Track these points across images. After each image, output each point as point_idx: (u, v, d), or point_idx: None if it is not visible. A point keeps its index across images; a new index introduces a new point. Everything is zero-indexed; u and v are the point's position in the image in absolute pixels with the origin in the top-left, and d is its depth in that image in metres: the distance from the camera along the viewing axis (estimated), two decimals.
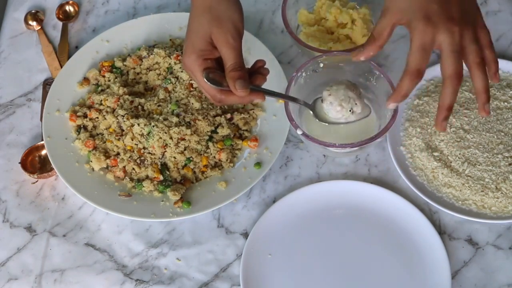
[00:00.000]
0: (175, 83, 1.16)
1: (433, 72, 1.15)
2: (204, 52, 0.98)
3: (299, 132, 1.03)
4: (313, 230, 1.08)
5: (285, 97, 1.05)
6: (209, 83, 0.96)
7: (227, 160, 1.12)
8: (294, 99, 1.05)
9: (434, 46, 0.92)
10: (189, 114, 1.12)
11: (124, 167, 1.12)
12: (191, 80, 1.15)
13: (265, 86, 1.18)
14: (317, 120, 1.07)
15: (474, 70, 0.93)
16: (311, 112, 1.08)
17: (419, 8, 0.93)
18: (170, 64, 1.18)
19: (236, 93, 0.95)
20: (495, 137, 1.09)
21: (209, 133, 1.12)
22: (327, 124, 1.06)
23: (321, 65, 1.10)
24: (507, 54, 1.20)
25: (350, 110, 1.04)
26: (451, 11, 0.93)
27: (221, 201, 1.08)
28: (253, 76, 0.99)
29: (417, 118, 1.13)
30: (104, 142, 1.14)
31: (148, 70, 1.21)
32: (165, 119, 1.12)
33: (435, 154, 1.09)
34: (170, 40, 1.25)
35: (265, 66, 1.02)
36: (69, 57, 1.25)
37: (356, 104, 1.04)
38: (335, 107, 1.04)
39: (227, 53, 0.97)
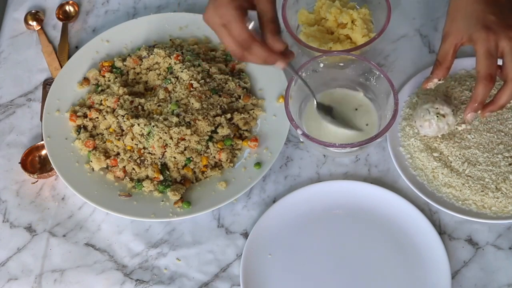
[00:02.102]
0: (175, 83, 1.16)
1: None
2: (242, 3, 0.97)
3: (299, 132, 1.03)
4: (313, 230, 1.08)
5: (299, 76, 1.05)
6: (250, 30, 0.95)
7: (227, 160, 1.12)
8: (305, 83, 1.06)
9: (498, 52, 1.00)
10: (189, 114, 1.12)
11: (124, 167, 1.12)
12: (191, 80, 1.15)
13: (264, 83, 1.18)
14: (321, 118, 1.08)
15: None
16: (315, 102, 1.08)
17: (477, 21, 1.01)
18: (170, 64, 1.18)
19: (274, 46, 0.96)
20: (495, 137, 1.09)
21: (209, 133, 1.12)
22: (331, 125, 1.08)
23: (321, 65, 1.10)
24: None
25: (437, 116, 1.05)
26: (508, 20, 1.00)
27: (221, 201, 1.08)
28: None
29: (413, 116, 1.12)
30: (104, 142, 1.14)
31: (148, 70, 1.21)
32: (165, 119, 1.12)
33: (435, 154, 1.09)
34: (170, 40, 1.25)
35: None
36: (69, 57, 1.25)
37: (437, 108, 1.06)
38: (425, 128, 1.07)
39: (266, 5, 0.97)
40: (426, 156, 1.09)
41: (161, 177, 1.10)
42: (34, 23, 1.32)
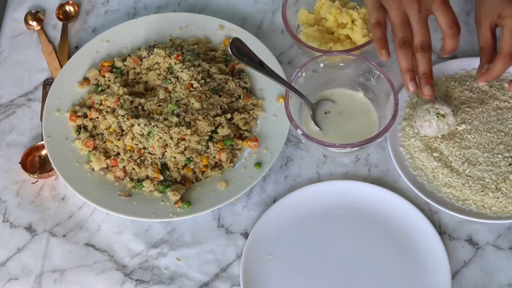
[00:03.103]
0: (175, 83, 1.16)
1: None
2: None
3: (299, 132, 1.03)
4: (313, 230, 1.08)
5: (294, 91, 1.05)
6: None
7: (227, 160, 1.12)
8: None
9: None
10: (189, 114, 1.12)
11: (124, 167, 1.12)
12: (191, 80, 1.15)
13: (264, 83, 1.19)
14: (313, 122, 1.09)
15: None
16: (310, 112, 1.09)
17: (503, 1, 1.03)
18: (170, 64, 1.18)
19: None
20: (495, 137, 1.09)
21: (209, 133, 1.12)
22: (321, 130, 1.09)
23: (321, 65, 1.10)
24: None
25: (437, 116, 1.06)
26: None
27: (221, 201, 1.08)
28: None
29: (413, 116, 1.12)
30: (104, 142, 1.14)
31: (148, 70, 1.21)
32: (165, 119, 1.12)
33: (435, 154, 1.09)
34: (170, 40, 1.25)
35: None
36: (69, 57, 1.25)
37: (437, 108, 1.06)
38: (425, 128, 1.07)
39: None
40: (426, 156, 1.09)
41: (161, 177, 1.10)
42: (34, 23, 1.32)
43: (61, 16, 1.32)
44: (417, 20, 1.03)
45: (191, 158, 1.11)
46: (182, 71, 1.16)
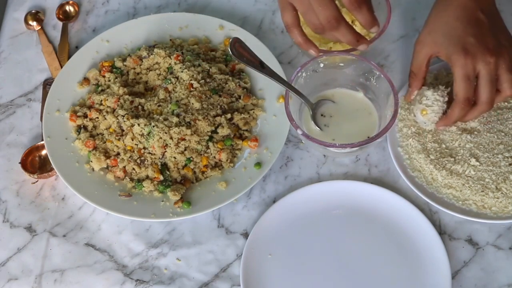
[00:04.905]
0: (175, 83, 1.16)
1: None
2: None
3: (299, 132, 1.03)
4: (313, 230, 1.08)
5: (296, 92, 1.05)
6: None
7: (227, 160, 1.12)
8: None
9: (475, 75, 1.01)
10: (189, 114, 1.12)
11: (124, 167, 1.12)
12: (191, 80, 1.15)
13: (264, 83, 1.18)
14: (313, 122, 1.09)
15: (500, 96, 1.04)
16: (310, 112, 1.09)
17: (457, 42, 1.01)
18: (170, 64, 1.18)
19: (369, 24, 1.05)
20: (496, 137, 1.09)
21: (209, 133, 1.12)
22: (321, 129, 1.10)
23: (321, 65, 1.10)
24: None
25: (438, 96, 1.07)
26: (486, 43, 1.01)
27: (221, 201, 1.08)
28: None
29: (408, 117, 1.12)
30: (104, 142, 1.14)
31: (148, 70, 1.21)
32: (165, 119, 1.12)
33: (432, 157, 1.08)
34: (170, 40, 1.25)
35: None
36: (69, 57, 1.25)
37: (438, 91, 1.07)
38: (426, 114, 1.08)
39: None
40: (424, 158, 1.08)
41: (161, 177, 1.10)
42: (34, 23, 1.32)
43: (61, 16, 1.32)
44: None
45: (191, 158, 1.11)
46: (182, 71, 1.16)
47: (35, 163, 1.17)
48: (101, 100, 1.17)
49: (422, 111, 1.07)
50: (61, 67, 1.25)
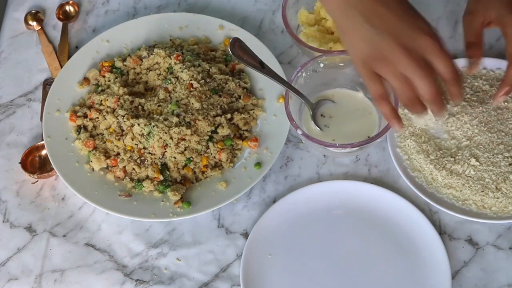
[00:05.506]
0: (175, 83, 1.16)
1: None
2: None
3: (299, 132, 1.03)
4: (313, 230, 1.08)
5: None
6: None
7: (227, 160, 1.12)
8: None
9: None
10: (189, 114, 1.12)
11: (124, 167, 1.12)
12: (191, 80, 1.15)
13: (264, 83, 1.19)
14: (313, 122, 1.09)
15: None
16: (310, 112, 1.09)
17: (507, 4, 1.00)
18: (170, 64, 1.18)
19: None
20: (496, 137, 1.09)
21: (209, 133, 1.12)
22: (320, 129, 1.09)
23: (321, 65, 1.10)
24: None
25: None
26: None
27: (221, 201, 1.08)
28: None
29: (408, 116, 1.12)
30: (104, 142, 1.14)
31: (148, 70, 1.21)
32: (165, 119, 1.12)
33: (432, 157, 1.08)
34: (170, 40, 1.25)
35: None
36: (69, 57, 1.25)
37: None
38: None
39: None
40: (423, 158, 1.08)
41: (161, 177, 1.10)
42: (34, 23, 1.32)
43: (61, 16, 1.32)
44: (413, 72, 0.88)
45: (191, 158, 1.11)
46: (182, 71, 1.16)
47: (35, 163, 1.17)
48: (101, 100, 1.17)
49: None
50: (61, 67, 1.25)
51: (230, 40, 1.07)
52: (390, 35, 0.88)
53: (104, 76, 1.20)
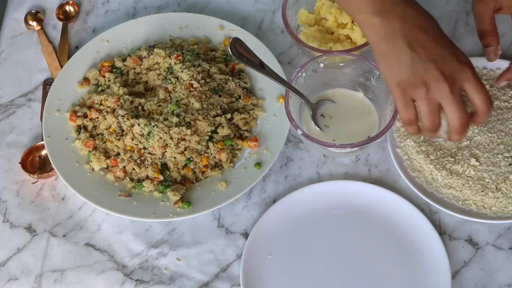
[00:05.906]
0: (175, 83, 1.16)
1: None
2: None
3: (299, 132, 1.03)
4: (313, 230, 1.08)
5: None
6: None
7: (227, 160, 1.12)
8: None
9: None
10: (189, 114, 1.12)
11: (124, 167, 1.12)
12: (191, 80, 1.15)
13: (264, 83, 1.19)
14: (313, 122, 1.09)
15: None
16: (310, 112, 1.09)
17: None
18: (170, 64, 1.18)
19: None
20: (496, 137, 1.09)
21: (209, 133, 1.12)
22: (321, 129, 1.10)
23: (321, 65, 1.10)
24: (507, 54, 1.20)
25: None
26: None
27: (221, 201, 1.08)
28: None
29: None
30: (104, 142, 1.14)
31: (148, 70, 1.21)
32: (165, 119, 1.12)
33: (432, 157, 1.08)
34: (170, 40, 1.25)
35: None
36: (69, 57, 1.25)
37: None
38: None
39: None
40: (423, 158, 1.08)
41: (161, 177, 1.10)
42: (34, 23, 1.32)
43: (61, 16, 1.32)
44: (451, 102, 0.90)
45: (191, 158, 1.11)
46: (182, 71, 1.16)
47: (35, 163, 1.17)
48: (101, 100, 1.17)
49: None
50: (61, 67, 1.25)
51: (230, 40, 1.07)
52: (433, 63, 0.89)
53: (104, 76, 1.21)
